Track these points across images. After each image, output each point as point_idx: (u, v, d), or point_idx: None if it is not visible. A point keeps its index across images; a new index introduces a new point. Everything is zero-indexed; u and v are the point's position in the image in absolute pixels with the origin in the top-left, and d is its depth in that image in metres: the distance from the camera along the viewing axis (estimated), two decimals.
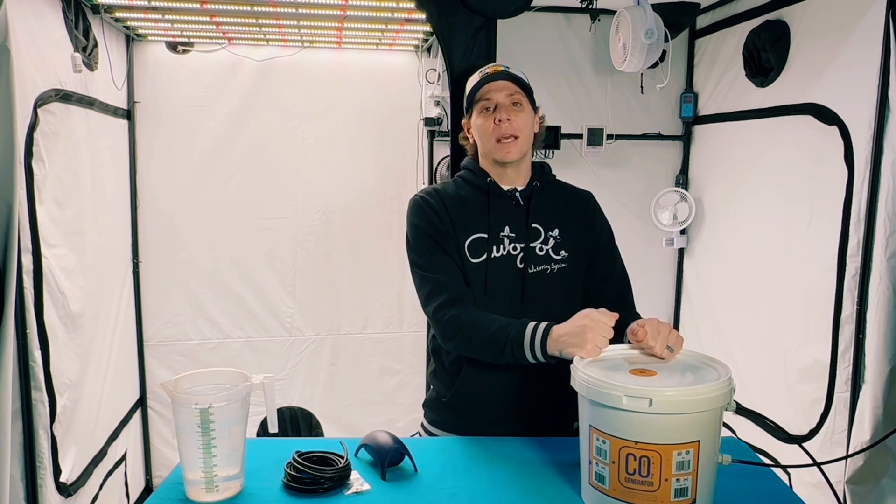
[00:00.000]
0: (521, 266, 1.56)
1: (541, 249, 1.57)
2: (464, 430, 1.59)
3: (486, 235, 1.56)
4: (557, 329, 1.35)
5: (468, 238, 1.56)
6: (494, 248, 1.56)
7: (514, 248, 1.56)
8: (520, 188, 1.61)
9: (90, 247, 2.66)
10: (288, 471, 1.28)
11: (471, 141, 1.66)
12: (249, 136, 3.34)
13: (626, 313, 1.50)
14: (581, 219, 1.63)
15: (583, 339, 1.28)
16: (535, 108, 1.62)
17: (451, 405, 1.63)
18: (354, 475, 1.30)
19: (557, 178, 1.70)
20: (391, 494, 1.26)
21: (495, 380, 1.57)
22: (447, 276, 1.54)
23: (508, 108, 1.56)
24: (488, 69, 1.59)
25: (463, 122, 1.68)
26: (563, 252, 1.58)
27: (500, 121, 1.55)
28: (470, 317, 1.47)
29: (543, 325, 1.38)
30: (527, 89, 1.59)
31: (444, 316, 1.49)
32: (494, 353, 1.43)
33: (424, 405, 1.73)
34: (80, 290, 2.52)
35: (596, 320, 1.29)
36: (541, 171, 1.65)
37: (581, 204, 1.67)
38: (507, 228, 1.57)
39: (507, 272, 1.56)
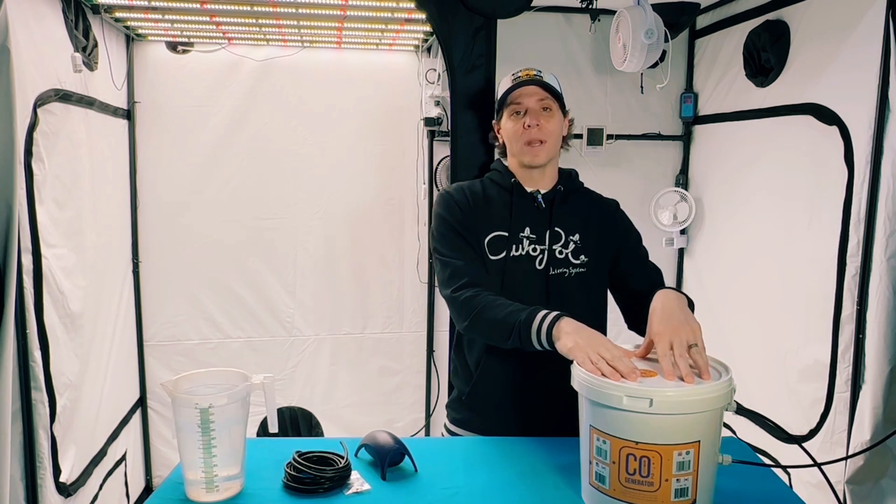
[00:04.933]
0: (540, 267, 1.58)
1: (560, 253, 1.59)
2: (484, 430, 1.61)
3: (506, 234, 1.59)
4: (570, 322, 1.34)
5: (489, 235, 1.59)
6: (514, 246, 1.58)
7: (534, 250, 1.59)
8: (543, 191, 1.63)
9: (90, 247, 2.66)
10: (288, 471, 1.28)
11: (500, 142, 1.69)
12: (249, 136, 3.34)
13: None
14: (603, 225, 1.65)
15: (590, 344, 1.25)
16: (565, 113, 1.65)
17: (469, 403, 1.64)
18: (354, 475, 1.30)
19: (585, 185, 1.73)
20: (391, 494, 1.26)
21: (514, 380, 1.59)
22: (466, 262, 1.56)
23: (538, 113, 1.58)
24: (521, 73, 1.61)
25: (494, 122, 1.71)
26: (582, 257, 1.60)
27: (529, 125, 1.57)
28: (486, 298, 1.47)
29: (554, 314, 1.37)
30: (557, 96, 1.61)
31: (461, 296, 1.50)
32: (502, 335, 1.42)
33: (447, 406, 1.74)
34: (80, 290, 2.52)
35: (612, 351, 1.23)
36: (567, 177, 1.69)
37: (604, 211, 1.69)
38: (527, 229, 1.59)
39: (525, 272, 1.58)
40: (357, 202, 3.47)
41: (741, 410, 1.16)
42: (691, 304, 1.50)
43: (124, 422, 3.11)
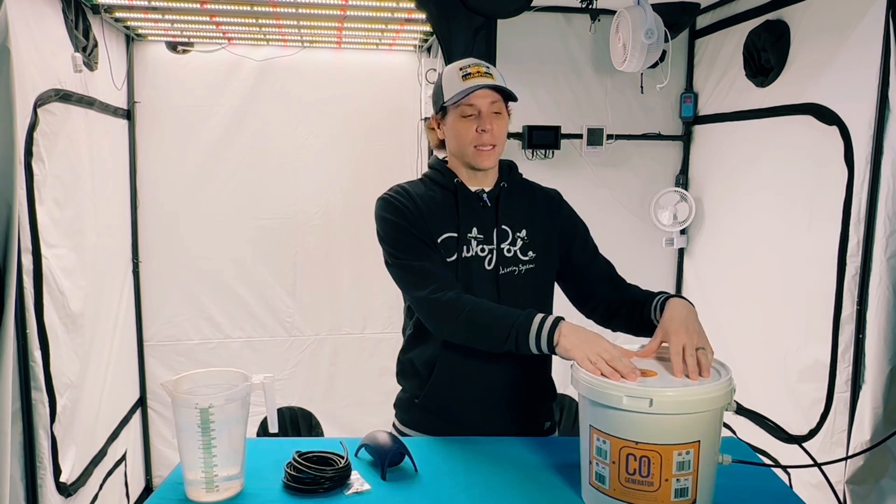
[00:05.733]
0: (490, 268, 1.55)
1: (509, 251, 1.57)
2: (436, 430, 1.58)
3: (455, 235, 1.55)
4: (568, 325, 1.34)
5: (440, 237, 1.55)
6: (464, 248, 1.55)
7: (482, 250, 1.56)
8: (487, 189, 1.59)
9: (90, 247, 2.66)
10: (288, 471, 1.28)
11: (438, 138, 1.63)
12: (249, 136, 3.34)
13: (620, 290, 1.61)
14: (548, 218, 1.63)
15: (589, 345, 1.26)
16: (509, 114, 1.59)
17: (424, 405, 1.61)
18: (354, 475, 1.30)
19: (524, 177, 1.70)
20: (391, 494, 1.26)
21: (469, 380, 1.57)
22: (432, 263, 1.50)
23: (491, 118, 1.52)
24: (470, 69, 1.53)
25: (432, 117, 1.63)
26: (530, 252, 1.58)
27: (483, 130, 1.52)
28: (471, 300, 1.43)
29: (553, 317, 1.36)
30: (508, 96, 1.54)
31: (442, 297, 1.43)
32: (497, 339, 1.38)
33: (395, 405, 1.71)
34: (80, 290, 2.52)
35: (611, 352, 1.23)
36: (508, 172, 1.65)
37: (547, 203, 1.66)
38: (474, 230, 1.56)
39: (477, 273, 1.55)
40: (357, 202, 3.47)
41: (741, 410, 1.16)
42: None
43: (124, 422, 3.11)
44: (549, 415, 1.70)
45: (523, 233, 1.58)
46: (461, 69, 1.55)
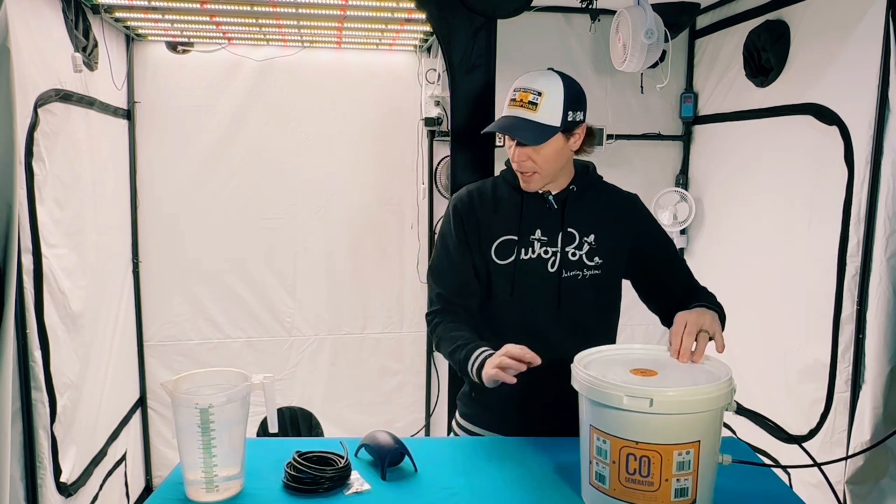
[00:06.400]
0: (552, 270, 1.55)
1: (574, 255, 1.56)
2: (490, 425, 1.62)
3: (515, 237, 1.56)
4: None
5: (497, 240, 1.57)
6: (523, 250, 1.56)
7: (546, 252, 1.56)
8: (554, 192, 1.58)
9: (90, 247, 2.66)
10: (288, 471, 1.28)
11: None
12: (249, 136, 3.34)
13: (694, 298, 1.54)
14: (619, 224, 1.60)
15: (497, 354, 1.37)
16: (571, 134, 1.51)
17: (478, 399, 1.64)
18: (354, 475, 1.30)
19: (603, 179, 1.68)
20: (391, 494, 1.26)
21: (525, 378, 1.57)
22: (445, 287, 1.62)
23: (523, 152, 1.49)
24: (517, 95, 1.49)
25: None
26: (596, 258, 1.56)
27: (517, 160, 1.51)
28: (442, 329, 1.57)
29: (485, 354, 1.43)
30: (545, 133, 1.48)
31: (429, 323, 1.63)
32: (456, 368, 1.53)
33: (458, 398, 1.74)
34: (81, 290, 2.52)
35: (512, 349, 1.36)
36: (583, 173, 1.62)
37: (621, 208, 1.63)
38: (538, 231, 1.56)
39: (537, 275, 1.55)
40: (357, 202, 3.47)
41: (741, 410, 1.16)
42: (723, 319, 1.50)
43: (124, 422, 3.11)
44: None
45: (591, 237, 1.56)
46: (514, 90, 1.51)
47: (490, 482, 1.30)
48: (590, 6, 2.76)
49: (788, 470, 2.06)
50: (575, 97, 1.50)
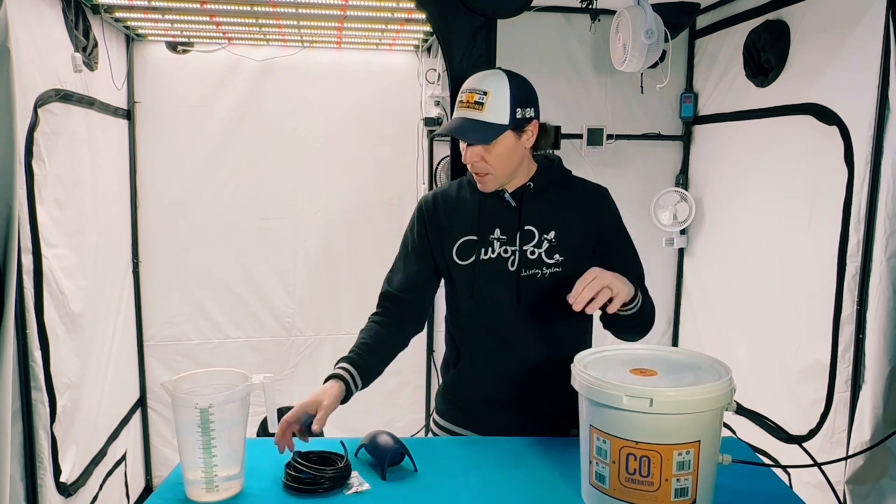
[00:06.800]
0: (512, 269, 1.54)
1: (532, 253, 1.53)
2: (459, 421, 1.64)
3: (475, 238, 1.56)
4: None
5: (459, 241, 1.57)
6: (483, 250, 1.55)
7: (506, 251, 1.54)
8: (511, 190, 1.56)
9: (90, 247, 2.66)
10: (288, 471, 1.28)
11: None
12: (249, 136, 3.34)
13: None
14: (584, 219, 1.55)
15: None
16: (522, 131, 1.49)
17: (452, 400, 1.67)
18: (354, 475, 1.30)
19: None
20: (391, 494, 1.26)
21: (488, 377, 1.60)
22: (392, 285, 1.66)
23: (474, 152, 1.48)
24: (464, 96, 1.47)
25: None
26: (557, 256, 1.52)
27: (468, 161, 1.50)
28: (360, 334, 1.66)
29: (335, 371, 1.51)
30: (493, 132, 1.45)
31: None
32: None
33: (435, 397, 1.77)
34: (81, 289, 2.52)
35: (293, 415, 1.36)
36: (545, 168, 1.59)
37: (587, 202, 1.58)
38: (497, 231, 1.55)
39: (497, 275, 1.54)
40: (357, 202, 3.47)
41: (741, 410, 1.16)
42: (650, 309, 1.50)
43: (124, 422, 3.11)
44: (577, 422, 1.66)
45: (551, 234, 1.53)
46: (461, 92, 1.49)
47: (490, 482, 1.30)
48: (590, 6, 2.76)
49: (788, 470, 2.06)
50: (523, 94, 1.47)
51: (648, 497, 1.10)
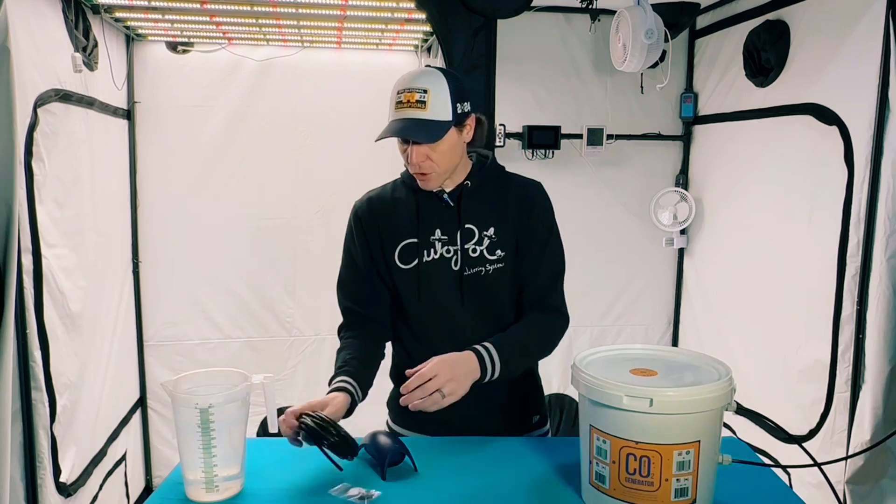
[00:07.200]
0: (456, 269, 1.52)
1: (474, 251, 1.52)
2: (420, 428, 1.63)
3: (416, 240, 1.54)
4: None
5: (399, 245, 1.55)
6: (425, 252, 1.53)
7: (448, 251, 1.53)
8: (449, 188, 1.54)
9: (90, 247, 2.66)
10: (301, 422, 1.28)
11: None
12: (249, 136, 3.34)
13: (521, 313, 1.56)
14: (518, 214, 1.54)
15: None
16: (462, 126, 1.47)
17: (391, 403, 1.67)
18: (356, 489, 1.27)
19: (508, 170, 1.61)
20: (391, 494, 1.26)
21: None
22: (350, 299, 1.63)
23: (418, 152, 1.44)
24: (402, 97, 1.44)
25: None
26: (498, 252, 1.51)
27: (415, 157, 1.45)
28: (338, 353, 1.59)
29: (333, 385, 1.49)
30: (437, 131, 1.42)
31: (340, 341, 1.64)
32: None
33: (387, 404, 1.75)
34: (80, 290, 2.52)
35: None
36: (479, 167, 1.57)
37: (521, 197, 1.56)
38: (437, 231, 1.53)
39: (442, 276, 1.53)
40: None
41: (741, 410, 1.16)
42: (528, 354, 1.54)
43: (124, 422, 3.11)
44: (538, 408, 1.66)
45: (491, 231, 1.52)
46: (398, 93, 1.45)
47: (490, 482, 1.30)
48: (590, 6, 2.76)
49: (788, 470, 2.06)
50: (459, 89, 1.46)
51: (648, 497, 1.10)
